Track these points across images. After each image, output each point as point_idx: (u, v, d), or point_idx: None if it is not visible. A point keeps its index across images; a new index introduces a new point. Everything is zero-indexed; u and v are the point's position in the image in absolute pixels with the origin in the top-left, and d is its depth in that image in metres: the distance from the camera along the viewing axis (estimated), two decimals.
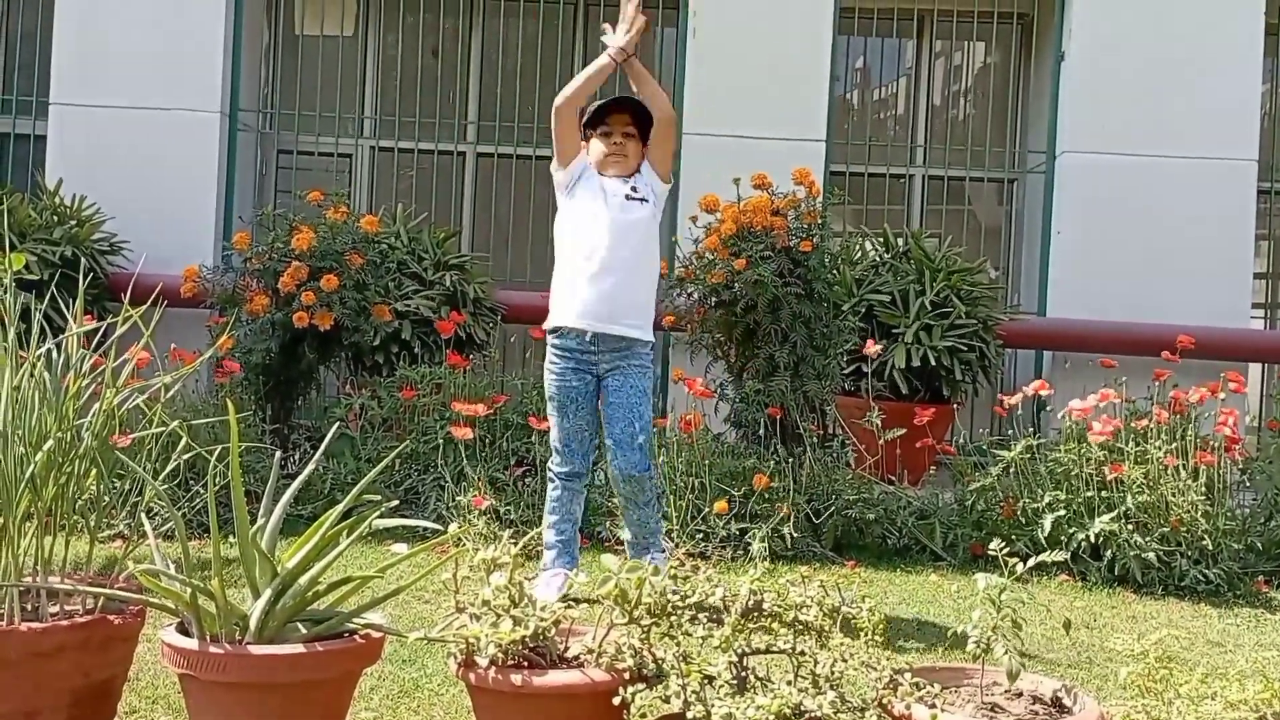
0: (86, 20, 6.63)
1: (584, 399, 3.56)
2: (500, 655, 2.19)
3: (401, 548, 2.45)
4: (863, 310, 5.86)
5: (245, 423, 4.83)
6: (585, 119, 3.65)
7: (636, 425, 3.50)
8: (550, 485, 3.65)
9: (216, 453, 2.64)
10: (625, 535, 3.69)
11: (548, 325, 3.62)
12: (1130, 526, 4.21)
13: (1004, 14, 7.19)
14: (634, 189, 3.58)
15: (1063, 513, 4.30)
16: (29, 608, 2.38)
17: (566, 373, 3.55)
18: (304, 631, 2.25)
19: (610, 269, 3.49)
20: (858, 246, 6.40)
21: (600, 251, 3.49)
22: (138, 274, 4.94)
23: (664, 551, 3.63)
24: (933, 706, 2.10)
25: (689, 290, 5.03)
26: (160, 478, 3.08)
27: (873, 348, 4.96)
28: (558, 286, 3.61)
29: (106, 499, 2.64)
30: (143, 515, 2.60)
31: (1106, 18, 6.71)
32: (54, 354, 2.54)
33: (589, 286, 3.49)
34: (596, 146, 3.62)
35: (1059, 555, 2.46)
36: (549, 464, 3.67)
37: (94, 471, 2.53)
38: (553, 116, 3.62)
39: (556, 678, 2.18)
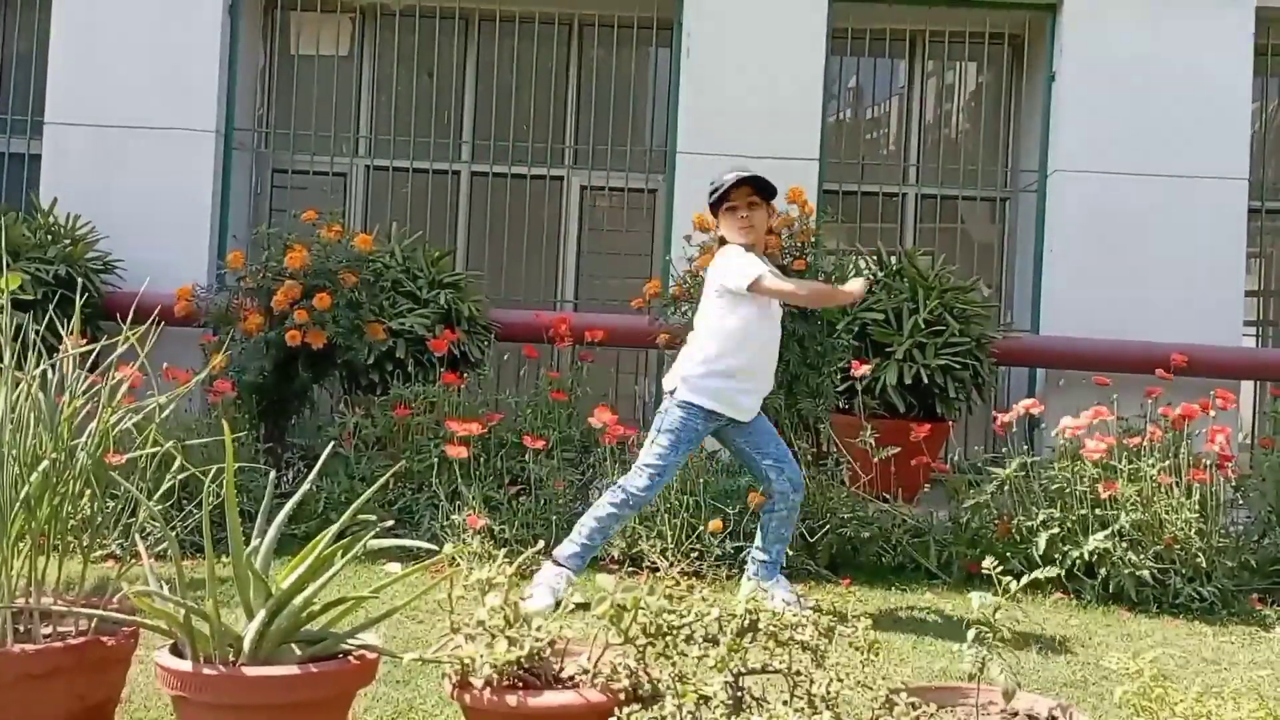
0: (82, 40, 6.65)
1: (696, 443, 3.88)
2: (495, 676, 2.18)
3: (396, 568, 2.46)
4: (856, 329, 5.87)
5: (239, 442, 4.82)
6: (712, 200, 3.83)
7: (782, 442, 3.91)
8: (619, 500, 3.76)
9: (211, 473, 2.64)
10: (761, 556, 3.91)
11: (704, 403, 3.77)
12: (1124, 544, 4.22)
13: (995, 34, 7.25)
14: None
15: (1057, 530, 4.30)
16: (22, 629, 2.37)
17: (695, 418, 3.77)
18: (298, 652, 2.25)
19: (771, 363, 3.91)
20: (851, 265, 6.41)
21: (769, 357, 3.87)
22: (132, 293, 4.95)
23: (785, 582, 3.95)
24: None
25: (683, 309, 5.04)
26: (154, 498, 3.07)
27: (860, 369, 4.97)
28: (735, 372, 3.78)
29: (100, 519, 2.63)
30: (136, 536, 2.59)
31: (1097, 37, 6.77)
32: (49, 374, 2.53)
33: (756, 380, 3.83)
34: (728, 223, 3.80)
35: (1052, 572, 2.47)
36: (630, 483, 3.77)
37: (88, 492, 2.52)
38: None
39: (552, 698, 2.17)
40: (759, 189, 3.79)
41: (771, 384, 3.94)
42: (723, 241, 3.84)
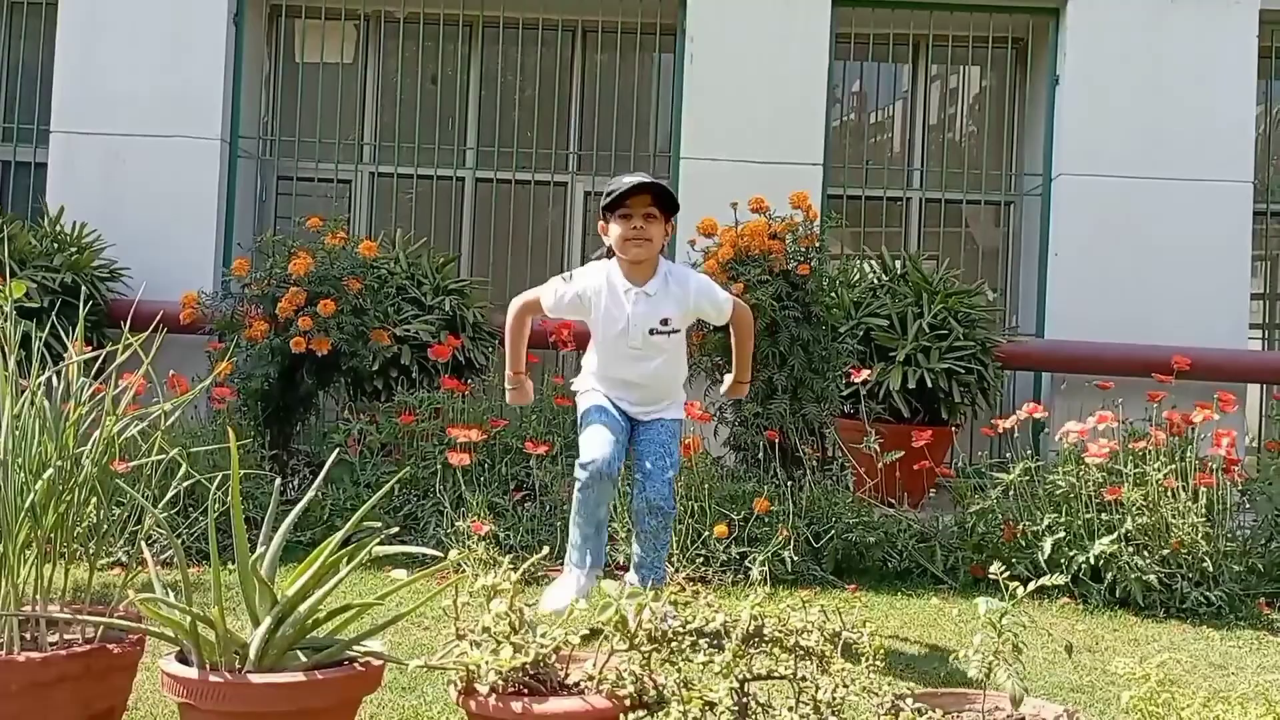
0: (87, 48, 6.68)
1: (620, 412, 3.49)
2: (500, 682, 2.18)
3: (401, 574, 2.45)
4: (861, 333, 5.87)
5: (244, 449, 4.82)
6: (605, 204, 3.39)
7: (668, 460, 3.47)
8: (577, 485, 3.41)
9: (216, 480, 2.64)
10: (631, 576, 3.58)
11: (583, 389, 3.56)
12: (1130, 549, 4.21)
13: (999, 38, 7.25)
14: (665, 321, 3.38)
15: (1062, 535, 4.29)
16: (28, 637, 2.37)
17: (605, 396, 3.51)
18: (304, 659, 2.25)
19: (646, 386, 3.47)
20: (855, 269, 6.41)
21: (633, 383, 3.46)
22: (137, 300, 4.96)
23: (664, 578, 3.62)
24: None
25: None
26: (160, 505, 3.07)
27: (860, 375, 4.96)
28: (594, 375, 3.53)
29: (106, 526, 2.63)
30: (142, 543, 2.60)
31: (1100, 41, 6.77)
32: (54, 382, 2.54)
33: (626, 392, 3.48)
34: (615, 230, 3.35)
35: (1059, 579, 2.45)
36: (577, 462, 3.43)
37: (93, 499, 2.52)
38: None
39: (557, 705, 2.17)
40: (660, 201, 3.34)
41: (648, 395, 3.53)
42: (609, 253, 3.45)
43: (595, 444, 3.39)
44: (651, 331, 3.38)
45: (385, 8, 7.36)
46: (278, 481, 2.75)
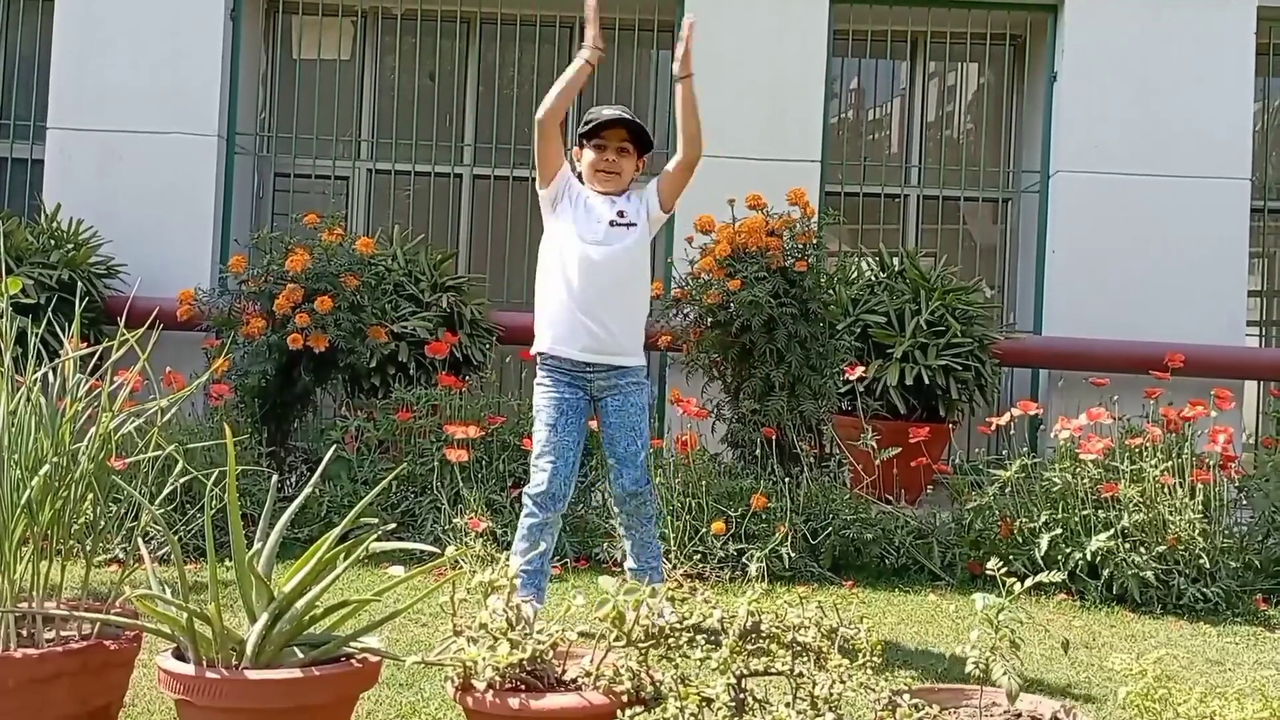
0: (84, 44, 6.66)
1: (576, 414, 3.47)
2: (498, 678, 2.18)
3: (398, 571, 2.45)
4: (858, 330, 5.87)
5: (241, 446, 4.82)
6: (582, 131, 3.57)
7: (638, 442, 3.49)
8: (524, 511, 3.44)
9: (213, 476, 2.64)
10: (630, 564, 3.60)
11: (537, 349, 3.52)
12: (1127, 545, 4.21)
13: (996, 35, 7.24)
14: (621, 213, 3.48)
15: (1059, 532, 4.30)
16: (25, 633, 2.37)
17: (560, 385, 3.47)
18: (301, 656, 2.25)
19: (601, 303, 3.43)
20: (853, 266, 6.41)
21: (589, 287, 3.41)
22: (134, 297, 4.96)
23: (663, 577, 3.61)
24: None
25: (685, 311, 5.04)
26: (156, 502, 3.07)
27: (855, 371, 4.96)
28: (547, 314, 3.49)
29: (102, 523, 2.63)
30: (139, 539, 2.60)
31: (1098, 38, 6.76)
32: (50, 378, 2.54)
33: (580, 320, 3.42)
34: (588, 157, 3.54)
35: (1056, 576, 2.45)
36: (525, 489, 3.47)
37: (90, 496, 2.52)
38: (536, 131, 3.53)
39: (554, 701, 2.17)
40: (636, 137, 3.52)
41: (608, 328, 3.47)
42: (580, 179, 3.56)
43: (546, 469, 3.40)
44: (611, 223, 3.46)
45: (383, 4, 7.35)
46: (275, 478, 2.75)
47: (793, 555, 4.30)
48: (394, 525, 4.39)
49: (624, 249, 3.46)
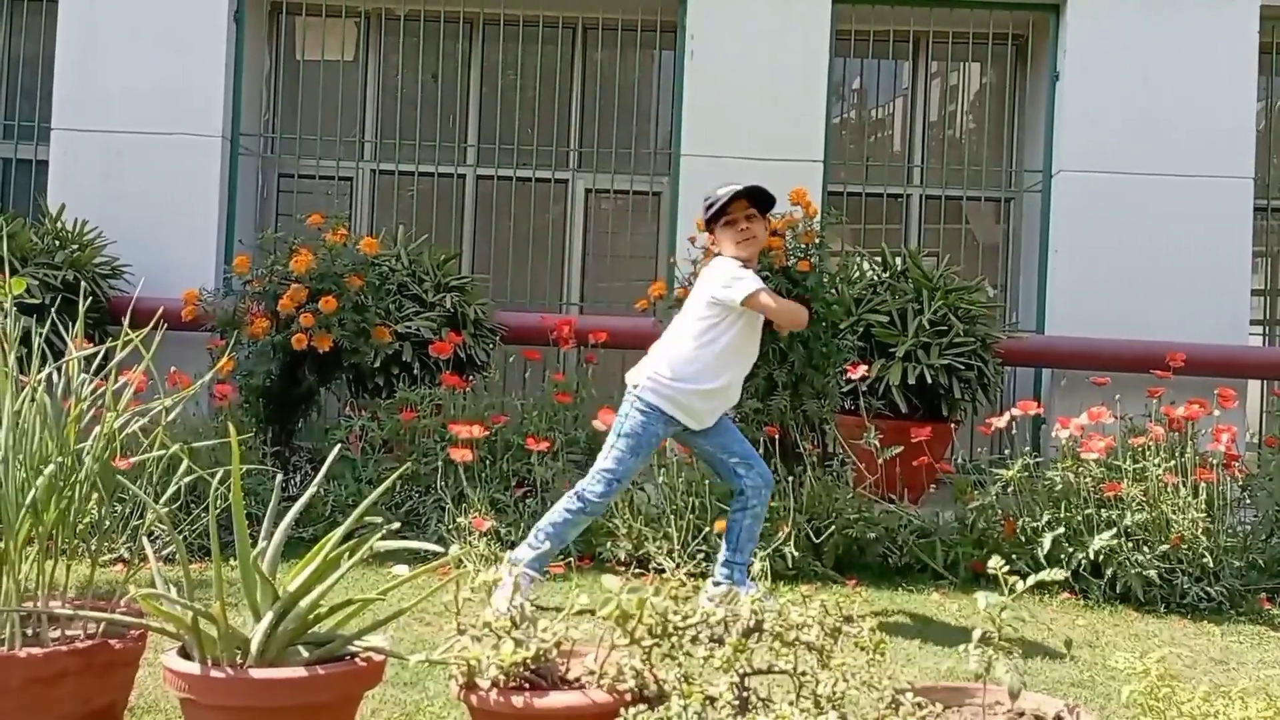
0: (88, 46, 6.68)
1: (655, 448, 3.79)
2: (502, 677, 2.19)
3: (403, 570, 2.45)
4: (861, 329, 5.87)
5: (246, 445, 4.83)
6: (707, 217, 3.74)
7: (747, 443, 3.84)
8: (578, 504, 3.68)
9: (218, 476, 2.65)
10: (734, 559, 3.82)
11: (665, 408, 3.67)
12: (1130, 544, 4.21)
13: (999, 34, 7.24)
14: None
15: (1062, 531, 4.29)
16: (30, 633, 2.38)
17: (657, 423, 3.69)
18: (305, 655, 2.25)
19: (734, 385, 3.78)
20: (855, 266, 6.41)
21: (736, 378, 3.75)
22: (139, 297, 4.97)
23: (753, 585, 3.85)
24: None
25: None
26: (161, 501, 3.08)
27: (857, 370, 4.96)
28: (688, 385, 3.67)
29: (107, 523, 2.64)
30: (144, 539, 2.61)
31: (1100, 37, 6.76)
32: (55, 378, 2.54)
33: (713, 400, 3.72)
34: (727, 236, 3.70)
35: (1059, 574, 2.45)
36: (587, 489, 3.68)
37: (95, 495, 2.53)
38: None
39: (558, 699, 2.17)
40: (756, 201, 3.71)
41: (739, 396, 3.87)
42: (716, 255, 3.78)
43: (629, 468, 3.69)
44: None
45: (386, 5, 7.36)
46: (279, 478, 2.75)
47: (796, 554, 4.30)
48: (398, 524, 4.37)
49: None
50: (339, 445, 3.63)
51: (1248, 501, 4.88)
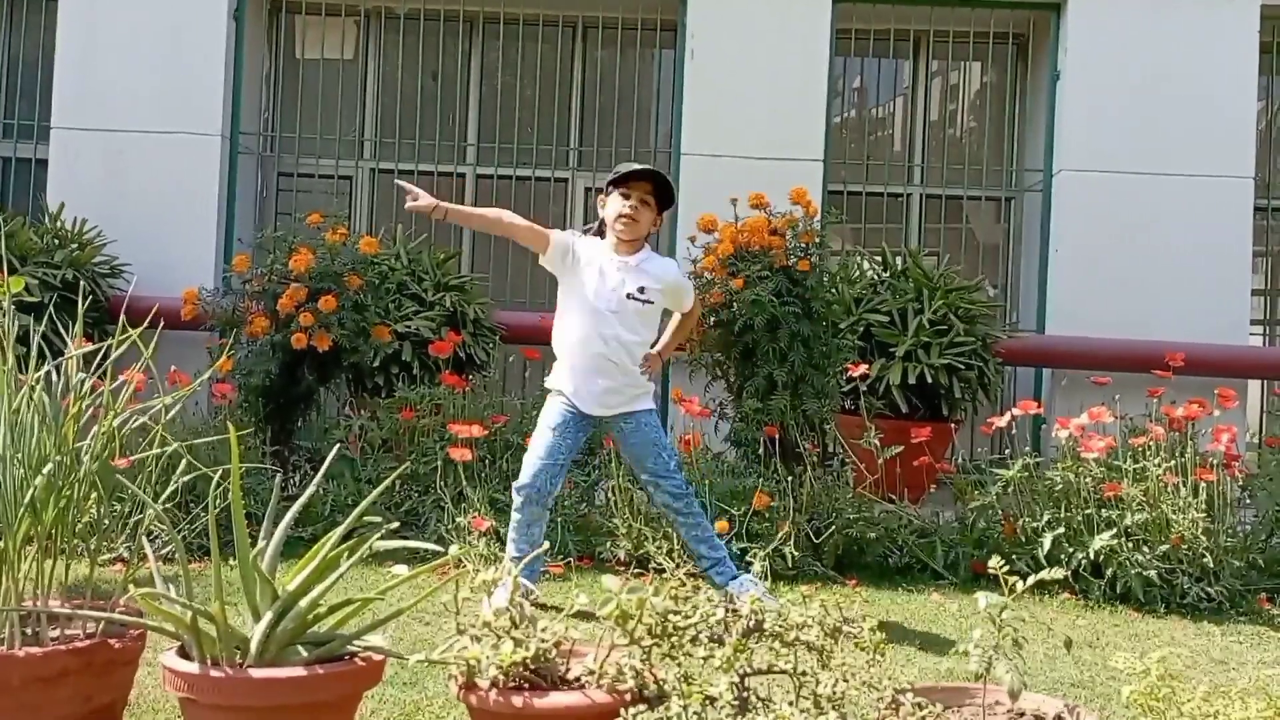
0: (88, 44, 6.67)
1: (580, 427, 3.72)
2: (501, 677, 2.18)
3: (402, 569, 2.45)
4: (861, 329, 5.86)
5: (245, 444, 4.82)
6: (611, 178, 3.73)
7: (664, 455, 3.75)
8: (514, 507, 3.69)
9: (217, 475, 2.64)
10: (705, 564, 3.82)
11: (553, 386, 3.72)
12: (1130, 544, 4.21)
13: (999, 33, 7.24)
14: (641, 289, 3.66)
15: (1062, 531, 4.29)
16: (29, 632, 2.37)
17: (572, 408, 3.69)
18: (305, 654, 2.25)
19: (618, 367, 3.65)
20: (856, 266, 6.41)
21: (607, 354, 3.63)
22: (139, 296, 4.96)
23: (749, 577, 3.85)
24: None
25: None
26: (160, 500, 3.08)
27: (857, 370, 4.96)
28: (565, 362, 3.70)
29: (106, 522, 2.63)
30: (143, 538, 2.60)
31: (1101, 36, 6.76)
32: (53, 376, 2.54)
33: (596, 380, 3.65)
34: (613, 204, 3.68)
35: (1058, 573, 2.45)
36: (515, 485, 3.70)
37: (94, 494, 2.53)
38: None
39: (558, 699, 2.17)
40: (658, 191, 3.67)
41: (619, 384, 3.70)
42: (601, 228, 3.75)
43: (533, 465, 3.66)
44: (628, 296, 3.64)
45: (385, 4, 7.36)
46: (279, 477, 2.75)
47: (796, 554, 4.30)
48: (397, 524, 4.38)
49: (636, 334, 3.69)
50: (338, 445, 3.63)
51: (1248, 501, 4.88)
